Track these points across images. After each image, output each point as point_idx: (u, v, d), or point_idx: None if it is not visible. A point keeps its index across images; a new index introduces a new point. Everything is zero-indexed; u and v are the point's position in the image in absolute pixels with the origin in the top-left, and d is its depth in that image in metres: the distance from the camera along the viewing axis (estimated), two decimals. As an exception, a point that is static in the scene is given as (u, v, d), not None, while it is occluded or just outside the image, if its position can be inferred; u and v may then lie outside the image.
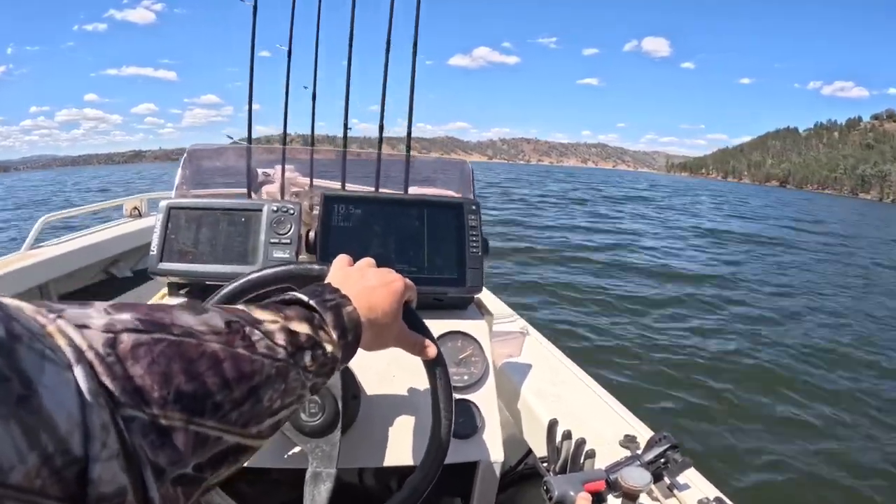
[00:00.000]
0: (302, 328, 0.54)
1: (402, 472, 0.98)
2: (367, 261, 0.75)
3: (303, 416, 0.87)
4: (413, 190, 1.81)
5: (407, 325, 0.74)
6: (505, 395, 1.47)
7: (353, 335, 0.60)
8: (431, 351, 0.77)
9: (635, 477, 0.90)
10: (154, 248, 1.19)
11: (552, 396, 1.41)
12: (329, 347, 0.56)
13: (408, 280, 0.73)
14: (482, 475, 1.15)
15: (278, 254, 1.19)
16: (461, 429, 1.12)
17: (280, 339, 0.50)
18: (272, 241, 1.21)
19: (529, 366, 1.56)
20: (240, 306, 0.51)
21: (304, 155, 2.14)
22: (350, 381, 0.99)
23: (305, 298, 0.58)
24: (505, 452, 1.19)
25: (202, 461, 0.40)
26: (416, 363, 0.82)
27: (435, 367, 0.81)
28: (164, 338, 0.40)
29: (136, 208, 3.45)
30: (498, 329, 1.59)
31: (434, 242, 1.26)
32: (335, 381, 0.90)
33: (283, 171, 1.99)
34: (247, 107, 2.24)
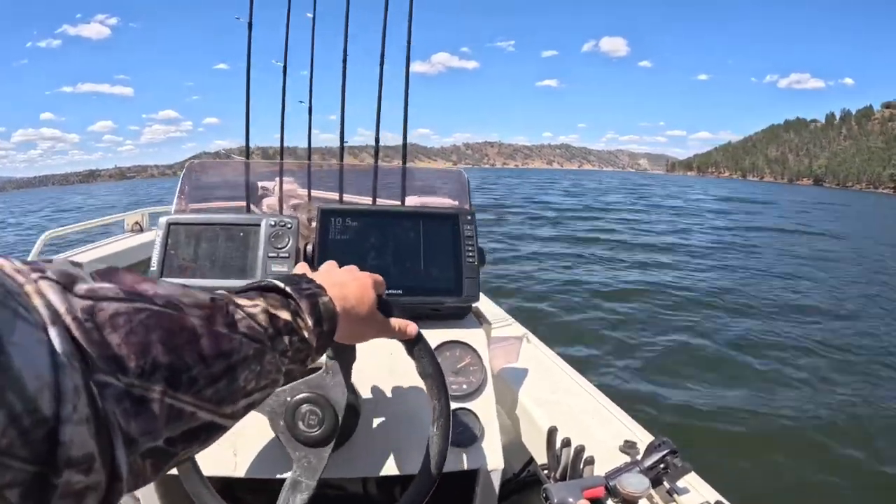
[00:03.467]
0: (281, 313, 0.63)
1: (405, 481, 1.08)
2: (333, 264, 0.88)
3: (301, 424, 0.97)
4: (411, 200, 2.01)
5: (384, 315, 0.87)
6: (504, 402, 1.66)
7: (328, 325, 0.69)
8: (411, 329, 0.92)
9: (634, 483, 1.05)
10: (154, 264, 1.35)
11: (551, 403, 1.59)
12: (305, 335, 0.65)
13: (376, 275, 0.87)
14: (482, 483, 1.30)
15: (277, 268, 1.34)
16: (461, 437, 1.27)
17: (261, 320, 0.59)
18: (271, 255, 1.38)
19: (528, 372, 1.75)
20: (221, 292, 0.58)
21: (303, 168, 2.34)
22: (352, 395, 1.13)
23: (282, 285, 0.67)
24: (506, 460, 1.34)
25: (174, 435, 0.46)
26: (416, 375, 0.97)
27: (416, 344, 0.94)
28: (146, 307, 0.46)
29: (137, 223, 3.77)
30: (495, 335, 1.77)
31: (430, 253, 1.42)
32: (339, 396, 1.00)
33: (281, 184, 2.19)
34: (244, 122, 2.46)
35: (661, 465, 1.16)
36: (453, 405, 1.16)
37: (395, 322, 0.89)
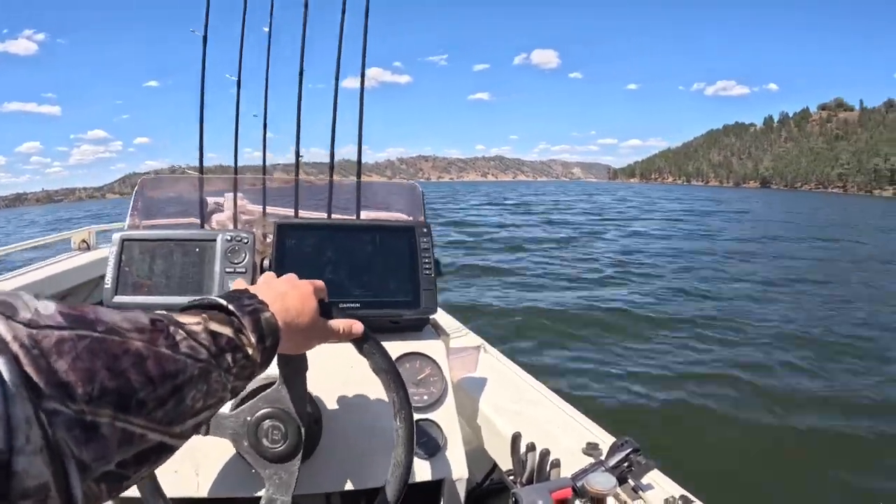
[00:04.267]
0: (223, 330, 0.65)
1: (369, 496, 1.13)
2: (272, 275, 0.92)
3: (265, 441, 1.00)
4: (366, 214, 2.08)
5: (327, 319, 0.91)
6: (465, 411, 1.71)
7: (271, 340, 0.72)
8: (357, 328, 0.95)
9: (601, 481, 1.09)
10: (109, 281, 1.36)
11: (512, 410, 1.64)
12: (249, 351, 0.68)
13: (316, 280, 0.91)
14: (448, 492, 1.35)
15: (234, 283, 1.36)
16: (425, 447, 1.32)
17: (203, 339, 0.61)
18: (227, 270, 1.41)
19: (487, 381, 1.80)
20: (161, 311, 0.61)
21: (257, 183, 2.38)
22: (312, 405, 1.17)
23: (224, 303, 0.69)
24: (470, 468, 1.39)
25: (126, 458, 0.48)
26: (376, 383, 1.00)
27: (364, 342, 0.97)
28: (89, 334, 0.47)
29: (84, 241, 3.69)
30: (453, 346, 1.83)
31: (387, 266, 1.48)
32: (299, 408, 1.04)
33: (235, 200, 2.23)
34: (198, 139, 2.46)
35: (626, 464, 1.22)
36: (415, 416, 1.19)
37: (339, 324, 0.92)
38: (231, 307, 0.69)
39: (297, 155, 2.32)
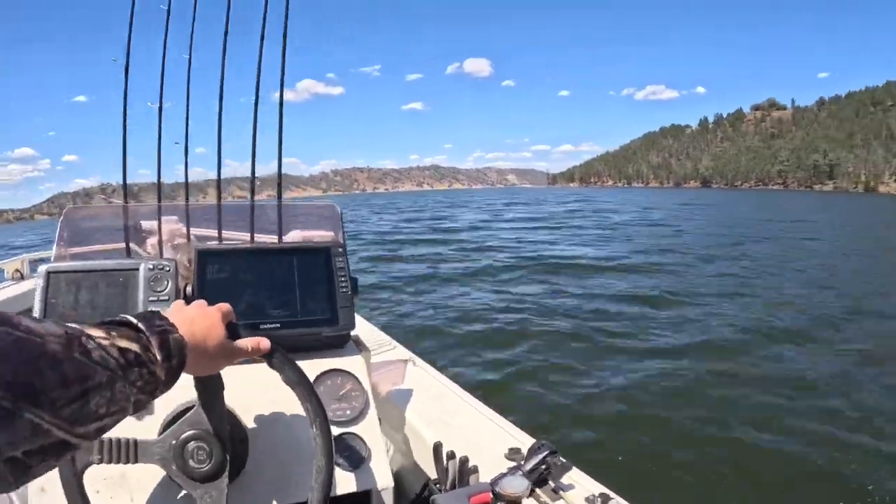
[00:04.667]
0: (131, 346, 0.71)
1: None
2: (181, 303, 0.98)
3: (191, 462, 1.06)
4: (291, 235, 2.16)
5: (235, 339, 0.98)
6: (394, 424, 1.80)
7: (177, 360, 0.79)
8: (264, 344, 1.01)
9: (514, 485, 1.19)
10: (36, 314, 1.39)
11: (438, 420, 1.72)
12: (154, 368, 0.74)
13: (223, 305, 0.98)
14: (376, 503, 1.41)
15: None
16: (349, 460, 1.39)
17: (112, 352, 0.67)
18: (150, 299, 1.46)
19: (414, 392, 1.89)
20: (73, 324, 0.67)
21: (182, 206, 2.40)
22: (235, 424, 1.22)
23: (134, 321, 0.76)
24: (406, 481, 1.50)
25: (32, 448, 0.54)
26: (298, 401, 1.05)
27: (273, 356, 1.03)
28: (13, 333, 0.55)
29: (17, 270, 3.78)
30: (380, 360, 1.94)
31: (306, 287, 1.56)
32: (221, 426, 1.09)
33: (160, 226, 2.27)
34: (120, 162, 2.43)
35: (543, 466, 1.29)
36: (339, 430, 1.34)
37: (247, 342, 0.99)
38: (140, 325, 0.76)
39: (219, 179, 2.36)
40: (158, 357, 0.76)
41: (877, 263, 15.59)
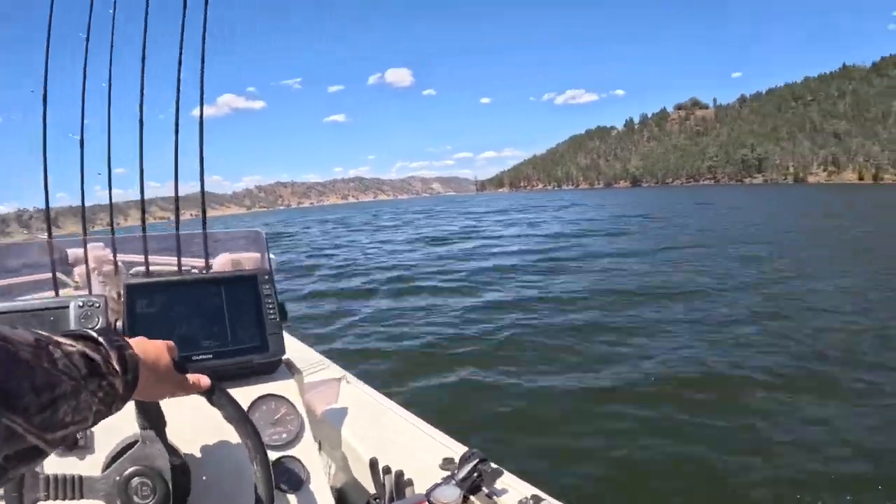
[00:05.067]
0: (94, 356, 0.74)
1: None
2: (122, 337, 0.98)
3: (136, 497, 1.11)
4: (222, 257, 2.25)
5: (180, 373, 1.02)
6: (331, 443, 1.91)
7: (132, 375, 0.81)
8: (204, 381, 1.06)
9: (446, 494, 1.30)
10: None
11: (373, 436, 1.81)
12: (113, 380, 0.76)
13: (168, 341, 1.02)
14: None
15: None
16: (289, 483, 1.46)
17: (77, 361, 0.69)
18: None
19: (349, 410, 1.98)
20: (41, 332, 0.68)
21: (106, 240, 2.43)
22: (176, 457, 1.25)
23: (95, 335, 0.78)
24: (349, 498, 1.72)
25: (10, 454, 0.55)
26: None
27: (213, 394, 1.07)
28: None
29: None
30: (314, 379, 2.11)
31: (235, 315, 1.61)
32: (163, 461, 1.14)
33: (87, 259, 2.32)
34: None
35: (475, 474, 1.39)
36: (276, 454, 1.44)
37: (190, 377, 1.03)
38: (100, 339, 0.79)
39: (143, 211, 2.38)
40: (117, 368, 0.79)
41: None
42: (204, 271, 2.17)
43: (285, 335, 2.02)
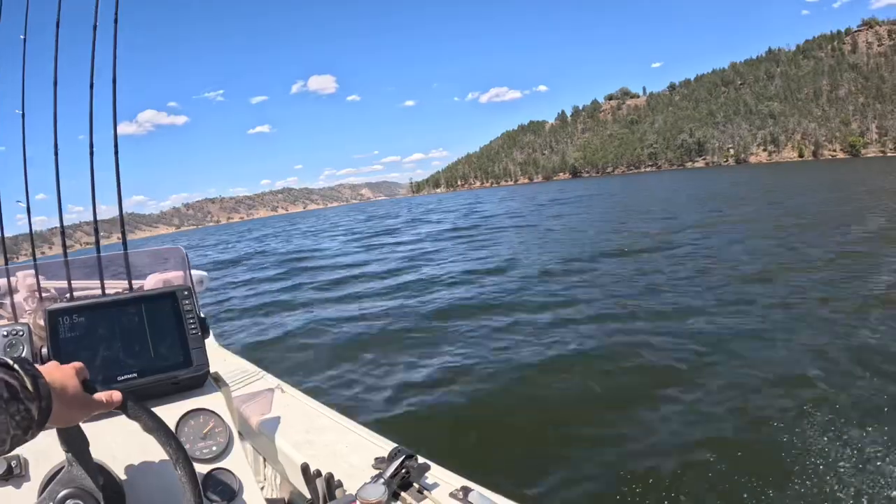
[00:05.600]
0: (12, 381, 0.81)
1: None
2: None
3: None
4: (153, 277, 2.37)
5: (90, 393, 1.07)
6: (267, 452, 2.00)
7: (45, 402, 0.88)
8: (116, 396, 1.11)
9: (371, 492, 1.33)
10: None
11: (306, 442, 1.86)
12: (30, 405, 0.83)
13: (76, 363, 1.08)
14: None
15: None
16: (222, 495, 1.48)
17: None
18: None
19: (282, 419, 2.02)
20: None
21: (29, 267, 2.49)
22: (108, 477, 1.31)
23: (11, 362, 0.85)
24: None
25: None
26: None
27: (128, 407, 1.12)
28: None
29: None
30: (246, 391, 2.19)
31: (157, 333, 1.65)
32: (91, 482, 1.17)
33: (10, 286, 2.44)
34: None
35: (403, 470, 1.46)
36: (207, 467, 1.50)
37: (102, 395, 1.08)
38: (16, 367, 0.86)
39: (63, 235, 2.36)
40: (32, 395, 0.85)
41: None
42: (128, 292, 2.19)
43: (220, 349, 2.16)
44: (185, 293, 1.70)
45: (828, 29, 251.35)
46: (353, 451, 1.75)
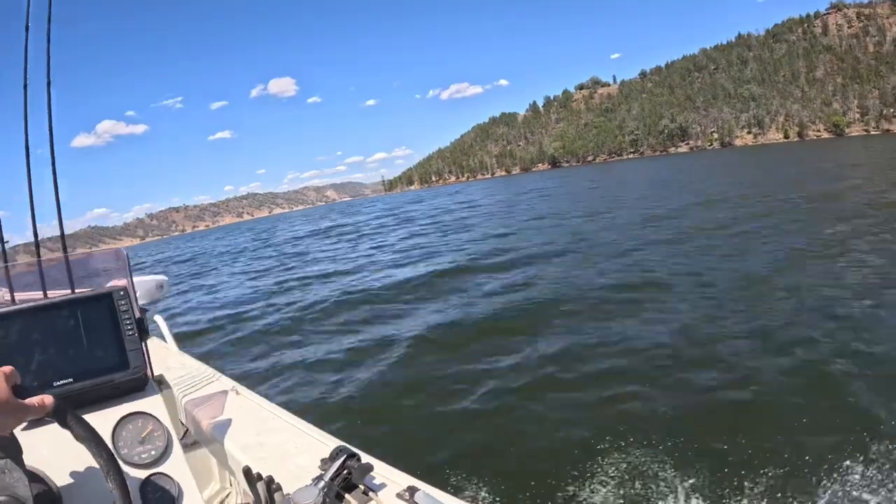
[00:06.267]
0: None
1: None
2: None
3: None
4: (111, 284, 2.12)
5: (21, 399, 1.06)
6: (216, 455, 1.89)
7: None
8: (48, 401, 1.09)
9: (304, 496, 1.29)
10: None
11: (257, 444, 1.78)
12: None
13: (5, 367, 1.06)
14: None
15: None
16: (161, 502, 1.46)
17: None
18: None
19: (233, 420, 1.95)
20: None
21: None
22: (43, 486, 1.31)
23: None
24: None
25: None
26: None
27: (60, 415, 1.12)
28: None
29: None
30: (200, 394, 2.07)
31: (92, 336, 1.61)
32: (23, 489, 1.14)
33: None
34: None
35: (345, 471, 1.39)
36: (145, 472, 1.45)
37: (33, 400, 1.06)
38: None
39: (3, 242, 2.34)
40: None
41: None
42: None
43: (179, 353, 2.13)
44: (121, 293, 1.68)
45: (787, 14, 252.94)
46: (302, 451, 1.72)
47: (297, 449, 1.73)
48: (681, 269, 11.15)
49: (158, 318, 3.10)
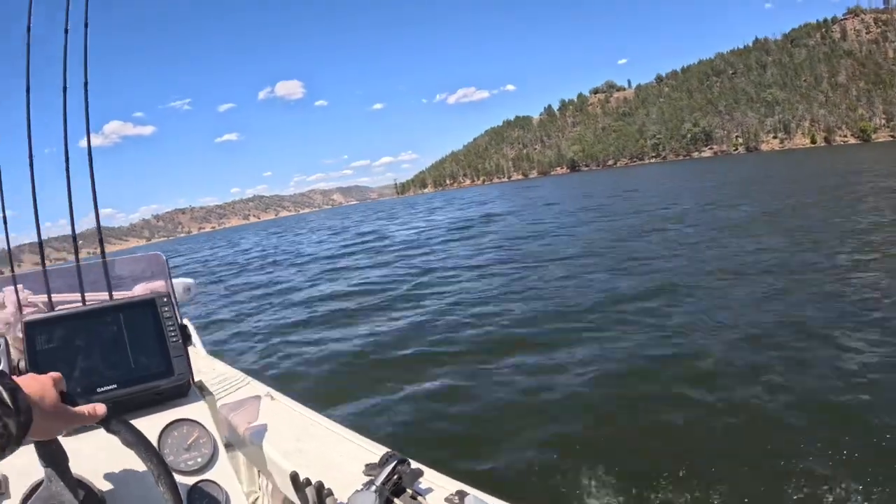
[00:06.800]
0: None
1: None
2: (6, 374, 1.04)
3: None
4: (138, 288, 2.29)
5: (71, 405, 1.05)
6: (256, 461, 1.94)
7: (24, 416, 0.87)
8: (100, 409, 1.09)
9: (361, 500, 1.31)
10: None
11: (296, 450, 1.80)
12: (8, 421, 0.83)
13: (54, 373, 1.06)
14: None
15: None
16: None
17: None
18: None
19: (270, 426, 1.95)
20: None
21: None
22: (89, 492, 1.31)
23: None
24: None
25: None
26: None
27: (109, 422, 1.11)
28: None
29: None
30: (235, 398, 2.09)
31: (136, 342, 1.65)
32: (69, 497, 1.16)
33: None
34: None
35: (396, 476, 1.41)
36: (192, 479, 1.48)
37: (83, 409, 1.06)
38: None
39: (41, 246, 2.25)
40: (11, 411, 0.84)
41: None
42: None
43: (209, 358, 2.14)
44: (165, 300, 1.70)
45: (795, 22, 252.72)
46: (345, 458, 1.71)
47: (339, 455, 1.73)
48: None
49: (186, 322, 3.02)
